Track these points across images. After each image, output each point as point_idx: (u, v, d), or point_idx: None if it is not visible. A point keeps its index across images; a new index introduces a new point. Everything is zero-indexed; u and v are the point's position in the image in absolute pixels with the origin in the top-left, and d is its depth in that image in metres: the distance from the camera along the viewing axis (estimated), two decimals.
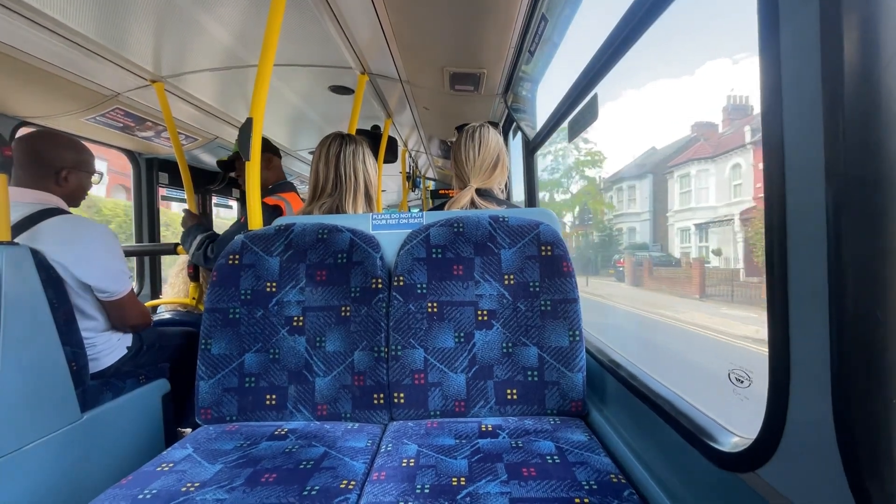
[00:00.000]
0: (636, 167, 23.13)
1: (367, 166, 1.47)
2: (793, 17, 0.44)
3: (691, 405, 0.71)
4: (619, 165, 32.01)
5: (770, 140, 0.47)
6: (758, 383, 0.66)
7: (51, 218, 1.25)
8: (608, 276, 20.86)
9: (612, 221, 23.71)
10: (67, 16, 1.31)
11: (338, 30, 1.54)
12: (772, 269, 0.48)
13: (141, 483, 0.79)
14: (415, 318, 1.07)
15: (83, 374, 1.20)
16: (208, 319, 1.08)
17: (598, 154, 23.28)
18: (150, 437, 1.40)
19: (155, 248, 2.47)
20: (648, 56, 78.39)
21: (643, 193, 22.10)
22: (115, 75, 1.69)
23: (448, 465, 0.82)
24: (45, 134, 1.39)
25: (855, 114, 0.39)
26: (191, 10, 1.35)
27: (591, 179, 24.06)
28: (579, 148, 23.10)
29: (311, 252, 1.13)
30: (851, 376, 0.40)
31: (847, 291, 0.40)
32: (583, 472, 0.78)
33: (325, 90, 2.11)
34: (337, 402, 1.05)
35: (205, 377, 1.06)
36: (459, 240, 1.12)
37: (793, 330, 0.46)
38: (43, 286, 1.09)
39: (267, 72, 1.21)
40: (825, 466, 0.42)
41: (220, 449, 0.91)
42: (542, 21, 1.41)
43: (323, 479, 0.79)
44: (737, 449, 0.56)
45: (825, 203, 0.41)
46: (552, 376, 1.03)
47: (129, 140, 2.30)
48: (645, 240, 21.48)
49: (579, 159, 23.22)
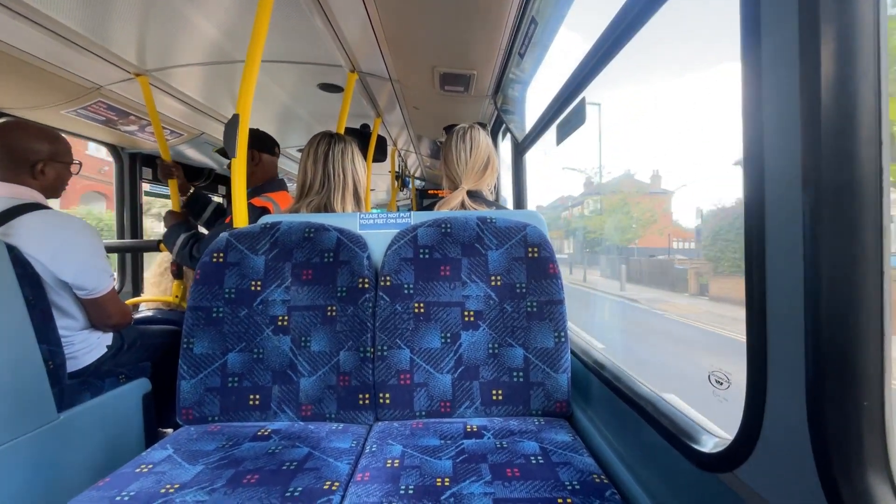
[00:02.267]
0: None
1: (355, 165, 1.47)
2: (773, 31, 0.45)
3: (673, 407, 0.72)
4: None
5: (750, 149, 0.48)
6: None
7: (27, 213, 1.22)
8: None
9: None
10: (50, 7, 1.27)
11: (327, 27, 1.53)
12: (750, 274, 0.49)
13: (119, 484, 0.77)
14: (401, 319, 1.07)
15: (60, 373, 1.17)
16: (191, 318, 1.07)
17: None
18: (129, 437, 1.38)
19: (137, 244, 2.42)
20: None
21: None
22: (98, 68, 1.65)
23: (432, 465, 0.82)
24: (17, 125, 1.33)
25: (831, 124, 0.40)
26: (177, 3, 1.33)
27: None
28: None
29: (297, 251, 1.12)
30: (825, 379, 0.41)
31: (822, 296, 0.41)
32: (566, 473, 0.79)
33: (315, 88, 2.09)
34: (322, 402, 1.04)
35: (186, 376, 1.04)
36: (447, 240, 1.12)
37: (770, 333, 0.47)
38: (19, 282, 1.06)
39: (254, 68, 1.20)
40: (799, 467, 0.44)
41: (202, 450, 0.90)
42: (531, 24, 1.42)
43: (306, 480, 0.79)
44: (716, 450, 0.57)
45: (802, 210, 0.42)
46: (537, 377, 1.04)
47: (111, 134, 2.25)
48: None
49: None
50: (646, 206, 27.68)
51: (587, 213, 30.55)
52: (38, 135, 1.32)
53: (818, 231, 0.41)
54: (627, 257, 22.68)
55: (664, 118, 69.45)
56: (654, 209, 27.47)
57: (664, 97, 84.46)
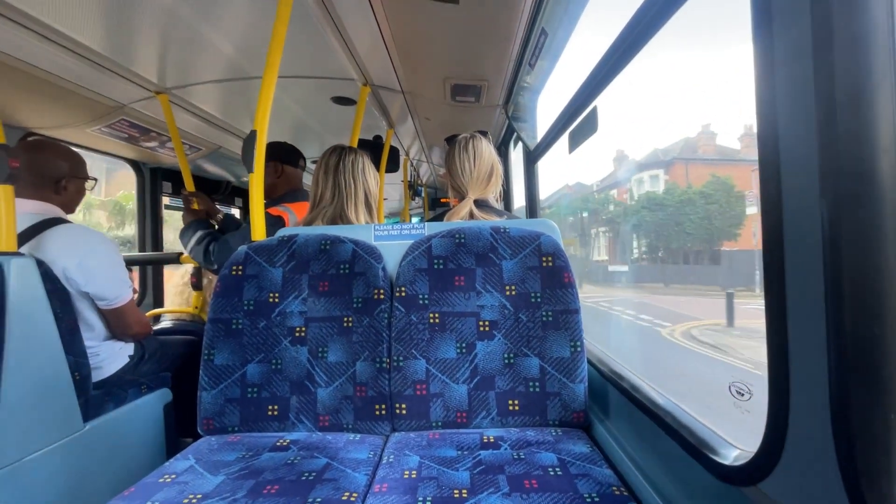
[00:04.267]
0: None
1: (366, 176, 1.49)
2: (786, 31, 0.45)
3: (693, 417, 0.71)
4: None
5: (766, 157, 0.48)
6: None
7: (53, 227, 1.27)
8: None
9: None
10: (75, 29, 1.33)
11: (341, 42, 1.56)
12: (770, 284, 0.49)
13: (143, 495, 0.79)
14: (416, 329, 1.07)
15: (86, 384, 1.21)
16: (211, 329, 1.09)
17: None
18: (151, 446, 1.40)
19: (158, 257, 2.48)
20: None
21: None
22: (121, 87, 1.71)
23: (450, 476, 0.82)
24: (43, 143, 1.41)
25: (848, 130, 0.40)
26: (196, 24, 1.38)
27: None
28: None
29: (313, 263, 1.14)
30: (850, 390, 0.40)
31: (844, 306, 0.40)
32: (585, 485, 0.78)
33: (328, 101, 2.13)
34: (339, 412, 1.05)
35: (207, 387, 1.06)
36: (461, 251, 1.12)
37: (791, 344, 0.47)
38: (48, 296, 1.10)
39: (271, 84, 1.23)
40: (825, 481, 0.43)
41: (222, 460, 0.91)
42: (541, 35, 1.43)
43: (325, 491, 0.79)
44: (738, 462, 0.56)
45: (821, 220, 0.42)
46: (554, 387, 1.03)
47: (133, 150, 2.32)
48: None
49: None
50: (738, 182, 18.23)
51: (643, 194, 20.52)
52: (60, 152, 1.39)
53: (838, 240, 0.40)
54: (731, 266, 14.83)
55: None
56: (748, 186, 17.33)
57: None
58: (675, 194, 19.48)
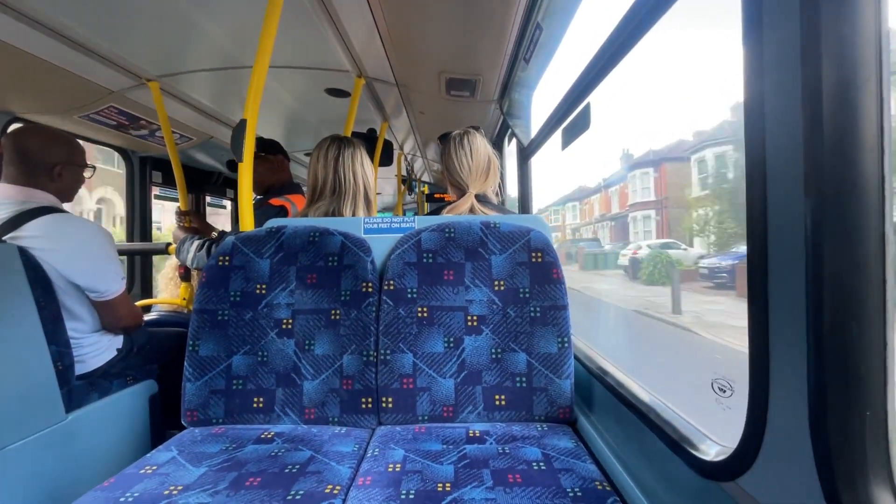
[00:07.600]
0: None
1: (365, 170, 1.47)
2: (775, 33, 0.45)
3: (676, 413, 0.72)
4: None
5: (752, 157, 0.48)
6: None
7: (41, 216, 1.24)
8: None
9: None
10: (64, 13, 1.30)
11: (335, 33, 1.54)
12: (752, 281, 0.49)
13: (123, 485, 0.78)
14: (404, 323, 1.07)
15: (69, 374, 1.19)
16: (196, 320, 1.08)
17: None
18: (136, 438, 1.39)
19: (147, 247, 2.45)
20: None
21: None
22: (111, 73, 1.68)
23: (434, 470, 0.82)
24: (34, 129, 1.36)
25: (834, 132, 0.40)
26: (187, 10, 1.35)
27: None
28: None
29: (302, 255, 1.13)
30: (827, 387, 0.40)
31: (825, 304, 0.40)
32: (568, 479, 0.78)
33: (322, 93, 2.11)
34: (325, 405, 1.05)
35: (192, 379, 1.05)
36: (451, 245, 1.12)
37: (772, 341, 0.47)
38: (30, 285, 1.08)
39: (262, 73, 1.21)
40: (801, 476, 0.43)
41: (205, 452, 0.91)
42: (537, 29, 1.42)
43: (308, 484, 0.79)
44: (718, 458, 0.56)
45: (804, 216, 0.42)
46: (540, 382, 1.03)
47: (122, 138, 2.29)
48: None
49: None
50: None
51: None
52: (56, 139, 1.34)
53: (820, 238, 0.41)
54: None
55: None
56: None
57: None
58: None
